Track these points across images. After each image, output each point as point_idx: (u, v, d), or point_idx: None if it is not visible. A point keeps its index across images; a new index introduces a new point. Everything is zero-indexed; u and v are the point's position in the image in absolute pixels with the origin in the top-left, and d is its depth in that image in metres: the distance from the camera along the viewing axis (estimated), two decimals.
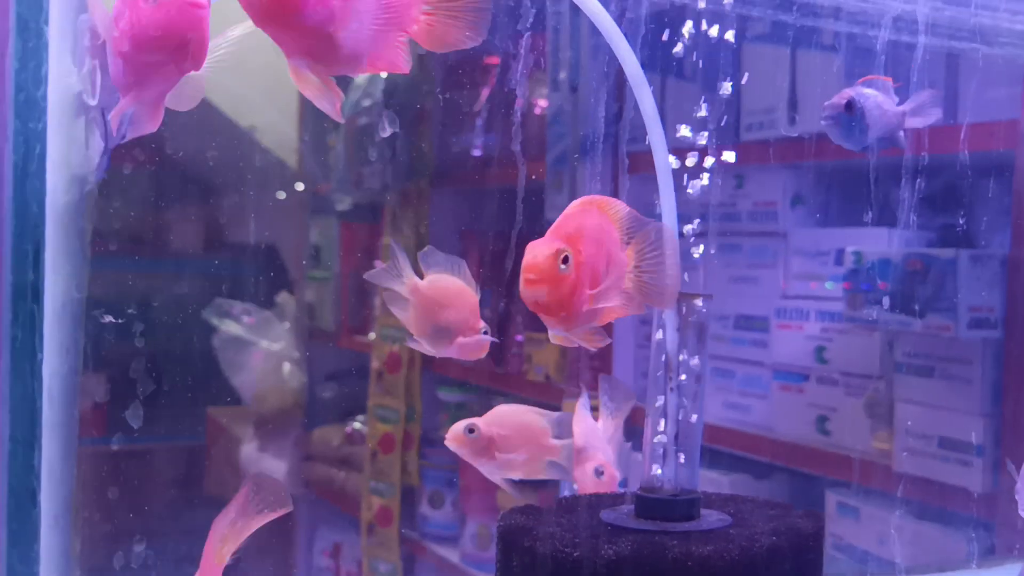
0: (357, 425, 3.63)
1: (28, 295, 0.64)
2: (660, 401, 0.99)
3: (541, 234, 0.87)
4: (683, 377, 0.98)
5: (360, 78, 3.30)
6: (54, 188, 0.64)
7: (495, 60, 3.07)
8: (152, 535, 1.23)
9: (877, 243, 2.04)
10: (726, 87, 1.13)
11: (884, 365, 2.04)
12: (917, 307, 1.84)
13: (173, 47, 0.70)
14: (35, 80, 0.63)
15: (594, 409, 2.70)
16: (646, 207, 2.78)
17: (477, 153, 3.31)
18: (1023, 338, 1.79)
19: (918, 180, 2.09)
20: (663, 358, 0.98)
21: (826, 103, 1.10)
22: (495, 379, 3.13)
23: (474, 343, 0.95)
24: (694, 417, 0.98)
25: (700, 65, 1.14)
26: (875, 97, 1.09)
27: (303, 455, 3.64)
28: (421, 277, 0.97)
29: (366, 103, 3.44)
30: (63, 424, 0.66)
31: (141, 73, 0.71)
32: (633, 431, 1.26)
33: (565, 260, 0.87)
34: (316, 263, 3.93)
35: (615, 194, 3.01)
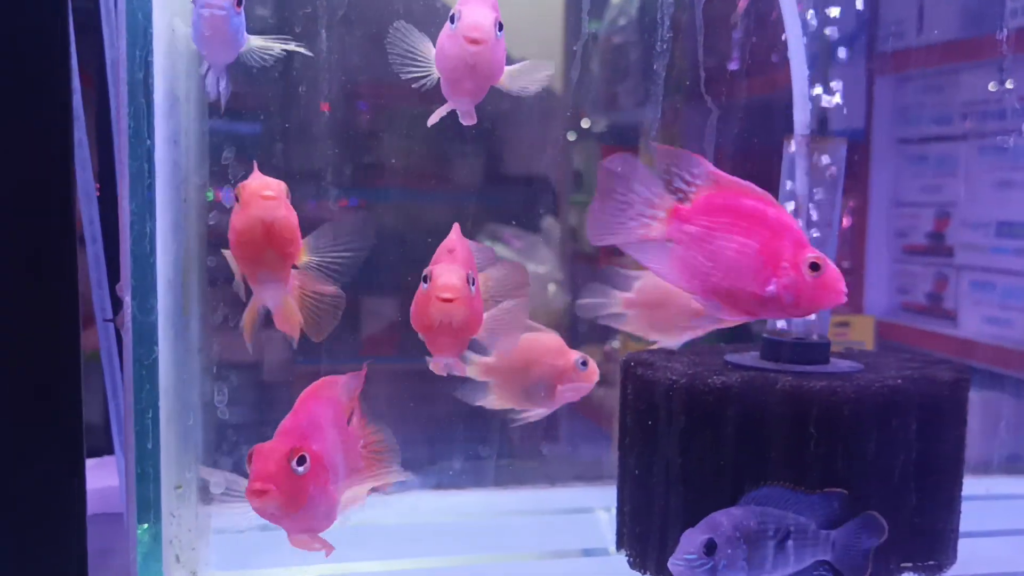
0: (616, 344, 3.72)
1: (140, 91, 0.79)
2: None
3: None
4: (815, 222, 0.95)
5: None
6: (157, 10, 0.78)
7: None
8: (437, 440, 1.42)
9: None
10: None
11: None
12: None
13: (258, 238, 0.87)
14: None
15: (844, 324, 2.61)
16: (901, 109, 2.62)
17: (733, 67, 3.25)
18: None
19: None
20: (794, 205, 0.96)
21: None
22: None
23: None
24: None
25: None
26: None
27: None
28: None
29: (621, 22, 3.48)
30: (172, 200, 0.80)
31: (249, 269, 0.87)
32: None
33: (301, 461, 0.83)
34: (579, 187, 4.04)
35: (869, 96, 2.84)
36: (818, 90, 1.05)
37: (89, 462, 1.17)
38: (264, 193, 0.84)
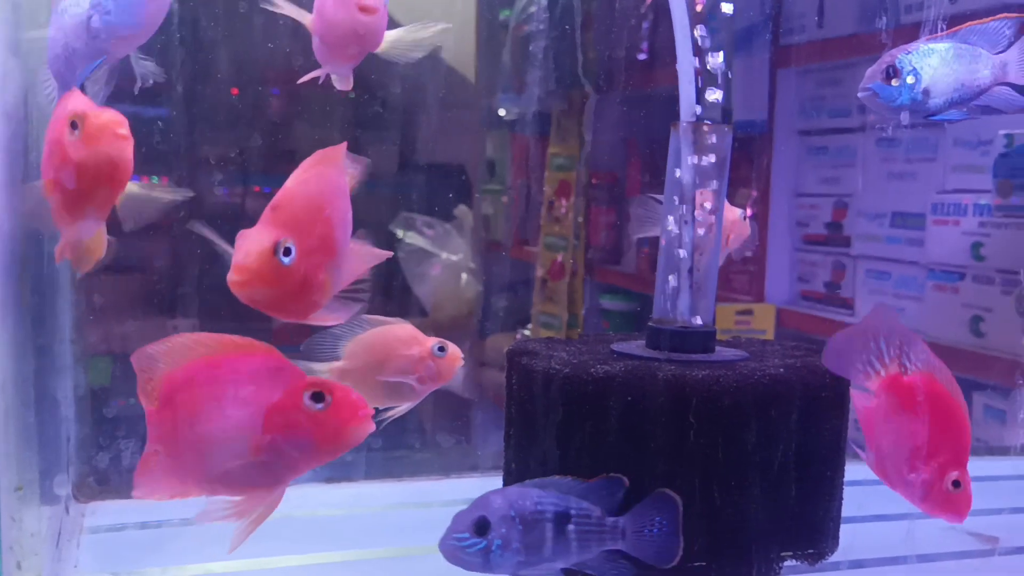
0: (527, 333, 3.71)
1: None
2: (674, 234, 0.97)
3: None
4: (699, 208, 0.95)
5: None
6: None
7: None
8: None
9: None
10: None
11: None
12: None
13: (103, 176, 0.75)
14: None
15: (746, 312, 2.64)
16: (802, 102, 2.65)
17: (642, 57, 3.27)
18: None
19: None
20: (679, 190, 0.96)
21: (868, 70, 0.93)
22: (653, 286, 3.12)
23: None
24: (709, 251, 0.96)
25: None
26: (941, 54, 0.92)
27: (478, 362, 3.76)
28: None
29: (532, 9, 3.46)
30: (5, 182, 0.76)
31: (76, 204, 0.77)
32: None
33: (287, 252, 0.75)
34: (491, 176, 4.03)
35: (772, 87, 2.87)
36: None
37: None
38: (119, 131, 0.75)
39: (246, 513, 0.79)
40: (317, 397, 0.75)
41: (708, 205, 0.96)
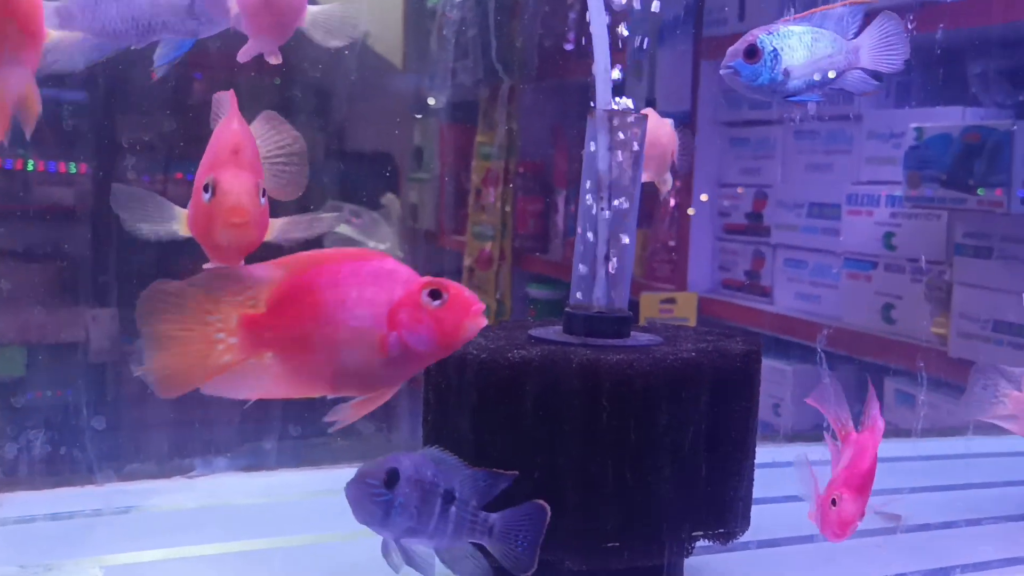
0: None
1: None
2: (591, 221, 0.98)
3: None
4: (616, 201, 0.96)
5: None
6: None
7: None
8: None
9: (949, 121, 1.93)
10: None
11: (949, 249, 1.94)
12: (972, 182, 1.73)
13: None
14: None
15: (670, 300, 2.67)
16: (724, 93, 2.68)
17: (568, 47, 3.29)
18: None
19: (994, 55, 1.94)
20: (595, 178, 0.97)
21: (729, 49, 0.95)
22: None
23: None
24: (625, 238, 0.97)
25: None
26: (800, 36, 0.94)
27: None
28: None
29: None
30: None
31: None
32: None
33: (263, 193, 0.78)
34: (418, 164, 4.01)
35: (694, 79, 2.90)
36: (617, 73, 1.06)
37: None
38: None
39: (367, 409, 0.82)
40: (435, 294, 0.79)
41: (623, 191, 0.98)
